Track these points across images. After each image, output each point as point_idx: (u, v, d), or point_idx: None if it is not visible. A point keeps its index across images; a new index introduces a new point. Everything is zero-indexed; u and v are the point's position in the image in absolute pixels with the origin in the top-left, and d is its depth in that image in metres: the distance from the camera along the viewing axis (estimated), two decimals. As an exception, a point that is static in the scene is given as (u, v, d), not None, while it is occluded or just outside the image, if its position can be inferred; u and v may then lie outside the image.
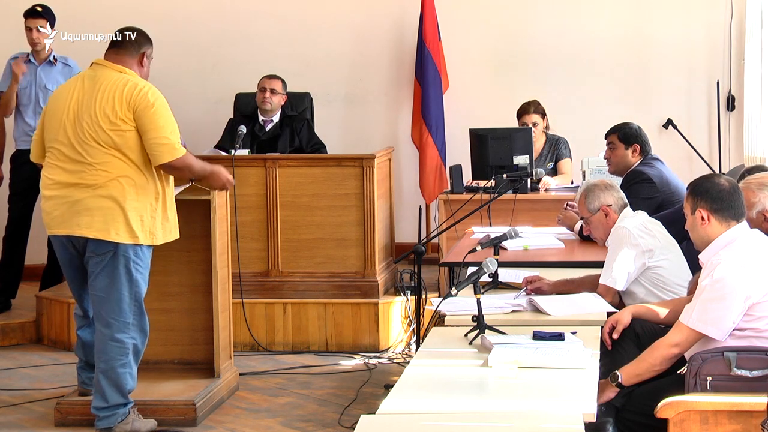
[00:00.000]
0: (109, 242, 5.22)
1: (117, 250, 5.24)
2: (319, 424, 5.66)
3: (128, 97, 5.24)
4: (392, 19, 9.14)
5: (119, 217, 5.21)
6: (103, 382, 5.29)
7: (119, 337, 5.30)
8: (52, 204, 5.30)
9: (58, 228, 5.29)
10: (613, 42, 8.94)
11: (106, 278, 5.26)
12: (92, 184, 5.20)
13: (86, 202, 5.21)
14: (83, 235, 5.23)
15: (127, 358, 5.32)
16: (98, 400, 5.32)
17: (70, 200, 5.23)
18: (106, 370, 5.29)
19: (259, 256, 7.26)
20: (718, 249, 4.20)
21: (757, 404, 3.72)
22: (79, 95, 5.30)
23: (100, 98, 5.25)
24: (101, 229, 5.21)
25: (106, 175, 5.20)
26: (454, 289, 4.43)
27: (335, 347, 7.12)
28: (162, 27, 9.15)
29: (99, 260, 5.25)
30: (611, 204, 5.32)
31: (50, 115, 5.38)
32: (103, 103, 5.23)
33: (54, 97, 5.45)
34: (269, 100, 7.95)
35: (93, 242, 5.24)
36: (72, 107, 5.29)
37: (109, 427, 5.31)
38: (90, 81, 5.33)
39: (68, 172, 5.25)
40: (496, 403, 3.66)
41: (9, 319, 7.50)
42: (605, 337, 4.49)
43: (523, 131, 7.52)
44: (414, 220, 8.31)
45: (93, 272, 5.29)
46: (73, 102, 5.30)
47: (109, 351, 5.29)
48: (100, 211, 5.20)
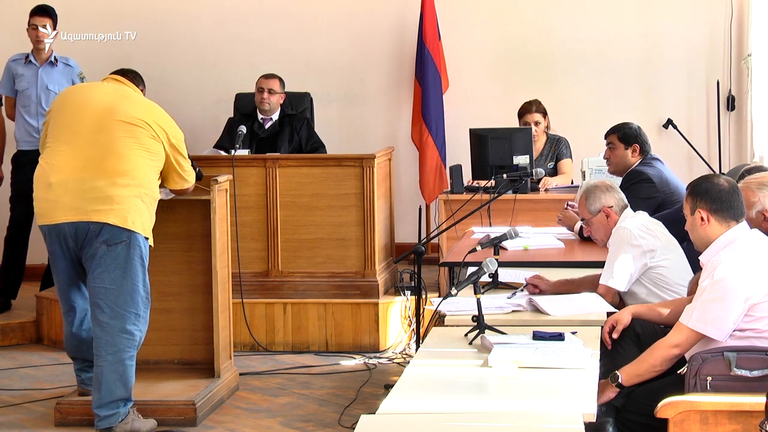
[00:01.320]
0: (125, 230, 5.21)
1: (131, 240, 5.23)
2: (319, 424, 5.66)
3: (159, 117, 5.40)
4: (392, 19, 9.14)
5: (138, 208, 5.24)
6: (108, 375, 5.25)
7: (130, 328, 5.28)
8: (59, 190, 5.23)
9: (66, 215, 5.22)
10: (613, 42, 8.93)
11: (118, 269, 5.24)
12: (115, 172, 5.21)
13: (105, 189, 5.20)
14: (101, 221, 5.18)
15: (134, 350, 5.32)
16: (102, 394, 5.26)
17: (86, 186, 5.21)
18: (114, 362, 5.25)
19: (259, 256, 7.27)
20: (718, 249, 4.20)
21: (757, 404, 3.71)
22: (108, 92, 5.42)
23: (133, 104, 5.37)
24: (121, 217, 5.20)
25: (130, 166, 5.24)
26: (454, 289, 4.43)
27: (335, 347, 7.12)
28: (162, 27, 9.19)
29: (111, 250, 5.22)
30: (612, 205, 5.31)
31: (66, 107, 5.41)
32: (136, 108, 5.35)
33: (70, 93, 5.58)
34: (267, 100, 7.94)
35: (108, 230, 5.20)
36: (101, 99, 5.36)
37: (109, 427, 5.29)
38: (111, 86, 5.47)
39: (85, 158, 5.24)
40: (496, 403, 3.66)
41: (9, 319, 7.51)
42: (605, 337, 4.49)
43: (523, 131, 7.52)
44: (414, 220, 8.31)
45: (102, 263, 5.23)
46: (100, 95, 5.39)
47: (118, 343, 5.26)
48: (120, 199, 5.20)
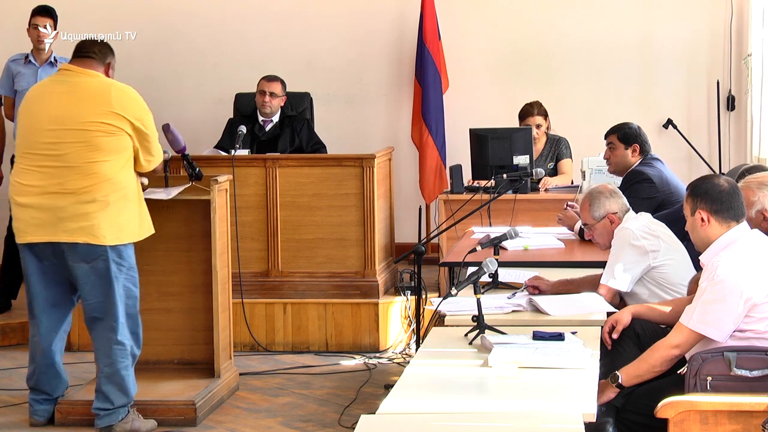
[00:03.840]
0: (98, 246, 5.19)
1: (108, 254, 5.22)
2: (319, 424, 5.66)
3: (116, 104, 5.21)
4: (392, 19, 9.14)
5: (109, 219, 5.18)
6: (107, 386, 5.32)
7: (121, 339, 5.33)
8: (31, 211, 5.22)
9: (40, 235, 5.22)
10: (613, 42, 8.93)
11: (101, 284, 5.25)
12: (75, 190, 5.16)
13: (70, 208, 5.16)
14: (72, 241, 5.18)
15: (128, 359, 5.35)
16: (102, 402, 5.33)
17: (53, 206, 5.18)
18: (111, 374, 5.31)
19: (259, 256, 7.27)
20: (718, 250, 4.20)
21: (757, 404, 3.72)
22: (56, 100, 5.24)
23: (85, 103, 5.20)
24: (91, 235, 5.17)
25: (91, 181, 5.16)
26: (454, 289, 4.43)
27: (335, 347, 7.12)
28: (162, 27, 9.19)
29: (92, 267, 5.23)
30: (616, 211, 5.27)
31: (22, 118, 5.34)
32: (89, 108, 5.18)
33: (26, 102, 5.38)
34: (269, 103, 7.91)
35: (82, 248, 5.20)
36: (52, 108, 5.22)
37: (110, 425, 5.32)
38: (64, 86, 5.28)
39: (47, 177, 5.19)
40: (496, 403, 3.66)
41: (9, 319, 7.51)
42: (605, 337, 4.49)
43: (523, 131, 7.51)
44: (414, 220, 8.31)
45: (87, 280, 5.26)
46: (52, 103, 5.24)
47: (113, 354, 5.31)
48: (87, 216, 5.16)
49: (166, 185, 5.79)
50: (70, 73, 5.32)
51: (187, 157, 5.78)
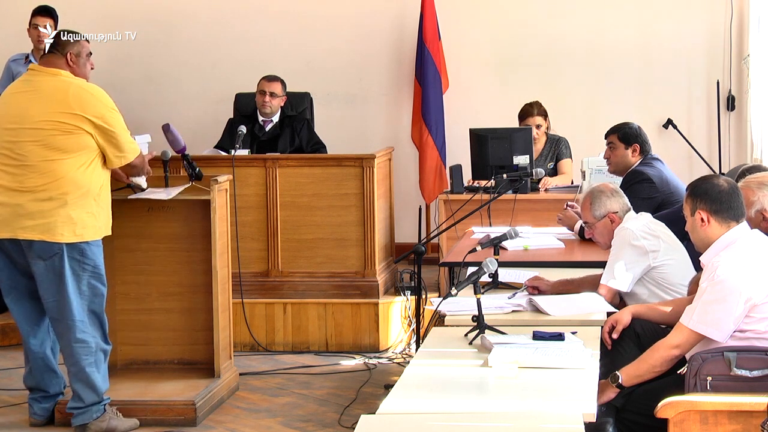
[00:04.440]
0: (54, 244, 5.21)
1: (63, 252, 5.23)
2: (319, 424, 5.66)
3: (77, 99, 5.22)
4: (392, 19, 9.15)
5: (67, 217, 5.20)
6: (76, 384, 5.36)
7: (81, 337, 5.32)
8: None
9: (4, 232, 5.26)
10: (613, 42, 8.94)
11: (56, 282, 5.26)
12: (32, 188, 5.19)
13: (28, 206, 5.20)
14: (28, 238, 5.21)
15: (92, 356, 5.35)
16: (74, 401, 5.39)
17: (13, 204, 5.21)
18: (77, 372, 5.34)
19: (259, 256, 7.27)
20: (718, 250, 4.20)
21: (757, 404, 3.72)
22: (17, 100, 5.31)
23: (42, 103, 5.23)
24: (47, 232, 5.19)
25: (47, 179, 5.18)
26: (454, 289, 4.43)
27: (335, 347, 7.12)
28: (162, 27, 9.20)
29: (48, 265, 5.24)
30: (617, 211, 5.27)
31: None
32: (45, 107, 5.21)
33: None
34: (269, 104, 7.90)
35: (38, 246, 5.22)
36: (9, 112, 5.29)
37: (84, 423, 5.36)
38: (27, 85, 5.34)
39: (10, 176, 5.23)
40: (496, 403, 3.66)
41: (9, 319, 7.47)
42: (605, 337, 4.49)
43: (523, 131, 7.52)
44: (414, 220, 8.31)
45: (45, 279, 5.28)
46: (9, 107, 5.31)
47: (75, 353, 5.33)
48: (43, 214, 5.18)
49: (166, 185, 5.80)
50: (34, 72, 5.39)
51: (187, 157, 5.79)
